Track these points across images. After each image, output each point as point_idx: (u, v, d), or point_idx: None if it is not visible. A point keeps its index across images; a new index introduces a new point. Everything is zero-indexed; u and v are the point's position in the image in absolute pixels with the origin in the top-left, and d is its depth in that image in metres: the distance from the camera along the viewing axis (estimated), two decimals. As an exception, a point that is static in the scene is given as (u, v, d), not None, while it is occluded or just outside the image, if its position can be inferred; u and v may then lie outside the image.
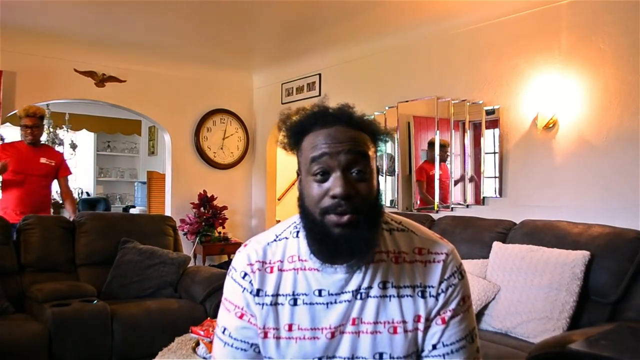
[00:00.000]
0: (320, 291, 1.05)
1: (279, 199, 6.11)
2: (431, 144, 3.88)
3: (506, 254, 2.72)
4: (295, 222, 1.13)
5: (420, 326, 1.05)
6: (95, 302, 3.04)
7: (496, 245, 2.83)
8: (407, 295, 1.05)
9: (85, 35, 4.33)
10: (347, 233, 0.98)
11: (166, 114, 5.34)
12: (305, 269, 1.07)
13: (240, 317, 1.10)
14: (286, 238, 1.12)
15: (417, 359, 1.08)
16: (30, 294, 3.13)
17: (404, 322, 1.05)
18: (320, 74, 4.97)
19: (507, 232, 2.97)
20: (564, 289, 2.41)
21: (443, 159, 3.84)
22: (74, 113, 7.27)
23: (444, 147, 3.81)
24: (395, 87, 4.24)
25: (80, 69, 4.81)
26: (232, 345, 1.11)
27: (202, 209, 5.19)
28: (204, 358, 2.21)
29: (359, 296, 1.04)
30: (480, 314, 2.62)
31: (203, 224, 5.11)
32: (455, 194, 3.75)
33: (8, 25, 4.02)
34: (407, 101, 4.12)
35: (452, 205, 3.79)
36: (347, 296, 1.04)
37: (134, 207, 8.00)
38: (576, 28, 3.11)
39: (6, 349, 2.64)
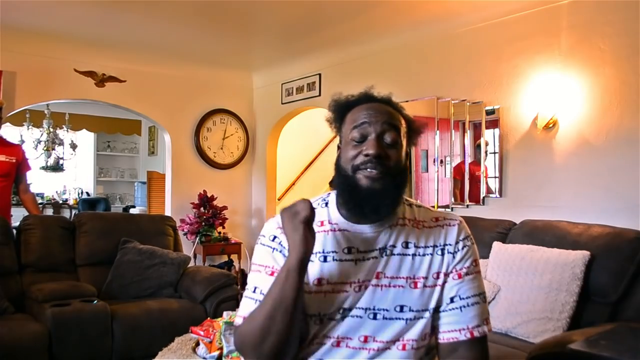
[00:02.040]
0: (349, 249, 1.16)
1: (279, 199, 6.11)
2: (478, 146, 3.70)
3: (506, 254, 2.72)
4: (323, 197, 1.26)
5: (439, 282, 1.16)
6: (95, 302, 3.04)
7: (496, 245, 2.83)
8: (428, 254, 1.17)
9: (85, 35, 4.33)
10: (375, 187, 1.11)
11: (166, 114, 5.34)
12: (335, 230, 1.19)
13: (271, 274, 1.16)
14: (315, 208, 1.18)
15: (434, 314, 1.17)
16: (31, 294, 3.13)
17: (425, 277, 1.16)
18: (320, 74, 4.97)
19: (507, 232, 2.97)
20: (564, 289, 2.41)
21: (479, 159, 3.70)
22: (74, 113, 7.26)
23: (479, 147, 3.71)
24: (395, 87, 4.23)
25: (80, 69, 4.81)
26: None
27: (202, 209, 5.19)
28: (204, 358, 2.21)
29: (384, 253, 1.16)
30: (480, 314, 2.61)
31: (203, 224, 5.11)
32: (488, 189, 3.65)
33: (8, 25, 4.01)
34: (407, 101, 4.11)
35: (452, 205, 3.79)
36: (375, 253, 1.16)
37: (134, 207, 8.00)
38: (576, 28, 3.11)
39: (6, 349, 2.64)
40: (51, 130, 6.75)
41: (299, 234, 1.07)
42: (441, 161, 3.88)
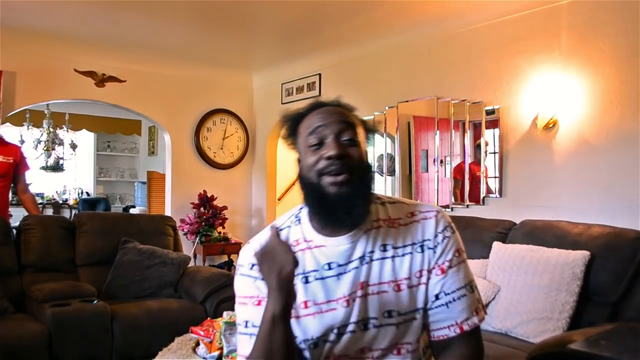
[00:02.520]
0: (329, 264, 1.13)
1: (279, 199, 6.11)
2: (478, 146, 3.70)
3: (506, 254, 2.72)
4: (294, 213, 1.22)
5: (423, 280, 1.13)
6: (95, 302, 3.04)
7: (496, 245, 2.83)
8: (407, 253, 1.13)
9: (85, 35, 4.33)
10: (343, 192, 1.08)
11: (166, 114, 5.34)
12: (311, 248, 1.15)
13: (258, 304, 1.14)
14: (288, 227, 1.21)
15: (423, 314, 1.14)
16: (31, 294, 3.13)
17: (407, 278, 1.12)
18: (320, 74, 4.97)
19: (507, 232, 2.97)
20: (564, 289, 2.41)
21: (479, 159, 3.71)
22: (74, 113, 7.26)
23: (479, 147, 3.71)
24: (395, 87, 4.24)
25: (80, 69, 4.81)
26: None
27: (202, 209, 5.19)
28: (204, 358, 2.21)
29: (364, 261, 1.12)
30: (480, 314, 2.61)
31: (203, 224, 5.11)
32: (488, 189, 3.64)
33: (8, 25, 4.01)
34: (407, 101, 4.12)
35: (452, 206, 3.79)
36: (355, 263, 1.12)
37: (134, 207, 8.00)
38: (576, 28, 3.11)
39: (6, 348, 2.64)
40: (51, 130, 6.74)
41: (285, 289, 1.01)
42: (441, 161, 3.89)
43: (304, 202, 1.16)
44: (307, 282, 1.13)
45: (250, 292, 1.16)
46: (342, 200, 1.07)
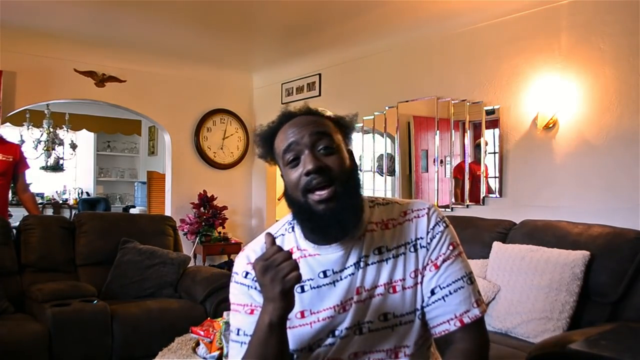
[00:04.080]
0: (324, 272, 1.11)
1: (278, 199, 6.10)
2: (478, 146, 3.69)
3: (506, 254, 2.72)
4: (288, 220, 1.20)
5: (419, 279, 1.10)
6: (95, 302, 3.04)
7: (496, 245, 2.83)
8: (401, 254, 1.11)
9: (85, 35, 4.33)
10: (332, 207, 1.05)
11: (166, 114, 5.34)
12: (306, 256, 1.13)
13: (251, 312, 1.13)
14: (282, 235, 1.19)
15: (422, 315, 1.11)
16: (31, 294, 3.13)
17: (402, 279, 1.10)
18: (320, 74, 4.97)
19: (507, 232, 2.97)
20: (564, 289, 2.41)
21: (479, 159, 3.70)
22: (74, 113, 7.27)
23: (478, 147, 3.70)
24: (395, 87, 4.24)
25: (80, 69, 4.81)
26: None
27: (202, 209, 5.19)
28: (204, 358, 2.21)
29: (359, 267, 1.10)
30: (480, 314, 2.61)
31: (203, 224, 5.11)
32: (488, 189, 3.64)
33: (8, 25, 4.01)
34: (407, 101, 4.12)
35: (452, 205, 3.79)
36: (350, 270, 1.10)
37: (134, 207, 8.00)
38: (576, 28, 3.11)
39: (6, 348, 2.64)
40: (51, 130, 6.75)
41: (287, 297, 0.99)
42: (441, 161, 3.89)
43: (294, 219, 1.15)
44: (302, 291, 1.11)
45: (243, 300, 1.15)
46: (332, 216, 1.05)
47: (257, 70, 5.57)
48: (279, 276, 0.98)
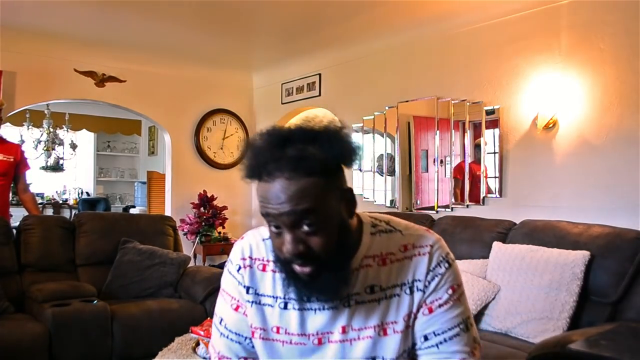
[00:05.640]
0: (309, 297, 1.02)
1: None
2: (478, 146, 3.70)
3: (506, 254, 2.72)
4: (262, 234, 1.14)
5: (410, 322, 1.03)
6: (95, 302, 3.04)
7: (496, 245, 2.83)
8: (396, 295, 1.03)
9: (85, 35, 4.33)
10: (314, 280, 0.96)
11: (166, 114, 5.34)
12: None
13: (236, 309, 1.11)
14: (258, 242, 1.13)
15: (412, 357, 1.05)
16: (31, 294, 3.13)
17: (394, 322, 1.03)
18: (320, 74, 4.97)
19: (507, 232, 2.97)
20: (564, 289, 2.41)
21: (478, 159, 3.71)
22: (74, 113, 7.26)
23: (478, 147, 3.71)
24: (395, 87, 4.24)
25: (80, 69, 4.81)
26: (227, 337, 1.12)
27: (202, 209, 5.19)
28: (204, 358, 2.21)
29: (346, 303, 1.02)
30: (480, 314, 2.62)
31: (203, 224, 5.11)
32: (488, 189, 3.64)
33: (8, 25, 4.01)
34: (407, 101, 4.12)
35: (452, 205, 3.79)
36: (335, 303, 1.02)
37: (134, 207, 8.00)
38: (576, 28, 3.11)
39: (6, 349, 2.64)
40: (51, 130, 6.75)
41: None
42: (441, 161, 3.89)
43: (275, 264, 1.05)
44: (285, 308, 1.05)
45: (231, 291, 1.12)
46: (317, 284, 0.97)
47: (257, 70, 5.57)
48: None
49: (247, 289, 1.09)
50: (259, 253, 1.10)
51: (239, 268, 1.11)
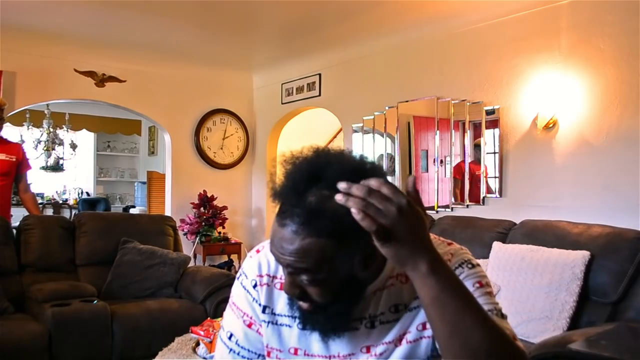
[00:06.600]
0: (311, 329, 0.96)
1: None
2: (477, 146, 3.69)
3: (506, 254, 2.72)
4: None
5: (425, 333, 0.96)
6: (95, 302, 3.04)
7: (496, 245, 2.83)
8: (415, 307, 0.97)
9: (85, 35, 4.33)
10: (315, 314, 0.91)
11: (166, 114, 5.34)
12: None
13: (249, 325, 1.04)
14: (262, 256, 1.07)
15: None
16: (31, 294, 3.13)
17: (408, 332, 0.97)
18: (320, 74, 4.97)
19: (507, 232, 2.97)
20: (564, 289, 2.41)
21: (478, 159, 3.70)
22: (74, 113, 7.26)
23: (478, 147, 3.70)
24: (395, 87, 4.24)
25: (80, 69, 4.81)
26: (238, 354, 1.06)
27: (202, 209, 5.19)
28: (204, 358, 2.21)
29: (369, 324, 0.97)
30: (480, 314, 2.61)
31: (203, 224, 5.11)
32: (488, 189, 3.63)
33: (8, 25, 4.01)
34: (407, 101, 4.12)
35: (452, 205, 3.79)
36: (356, 324, 0.97)
37: (134, 207, 8.00)
38: (576, 28, 3.11)
39: (6, 349, 2.64)
40: (51, 130, 6.75)
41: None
42: (441, 161, 3.89)
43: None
44: (304, 328, 0.97)
45: (244, 307, 1.05)
46: (319, 320, 0.91)
47: (257, 70, 5.57)
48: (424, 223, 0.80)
49: (264, 308, 1.03)
50: (279, 271, 1.03)
51: (255, 284, 1.04)
